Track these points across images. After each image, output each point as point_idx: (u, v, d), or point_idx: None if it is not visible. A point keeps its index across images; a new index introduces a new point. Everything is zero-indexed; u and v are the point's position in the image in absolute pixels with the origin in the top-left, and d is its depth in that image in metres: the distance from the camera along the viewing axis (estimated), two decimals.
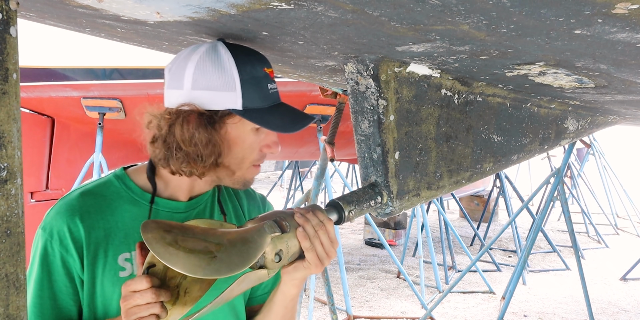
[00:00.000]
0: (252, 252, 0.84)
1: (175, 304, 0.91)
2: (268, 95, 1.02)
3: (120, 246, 1.01)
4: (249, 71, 0.99)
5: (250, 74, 0.99)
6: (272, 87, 1.03)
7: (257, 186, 13.85)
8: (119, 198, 1.04)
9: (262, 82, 1.01)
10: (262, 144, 1.05)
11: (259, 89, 1.00)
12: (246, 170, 1.06)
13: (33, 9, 1.04)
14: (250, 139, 1.03)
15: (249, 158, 1.04)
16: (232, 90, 0.98)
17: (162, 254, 0.79)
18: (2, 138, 0.53)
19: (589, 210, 8.58)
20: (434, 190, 1.29)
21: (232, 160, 1.03)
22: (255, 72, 1.00)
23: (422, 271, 5.18)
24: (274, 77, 1.05)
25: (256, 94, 1.00)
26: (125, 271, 1.01)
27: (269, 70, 1.04)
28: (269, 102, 1.02)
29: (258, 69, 1.01)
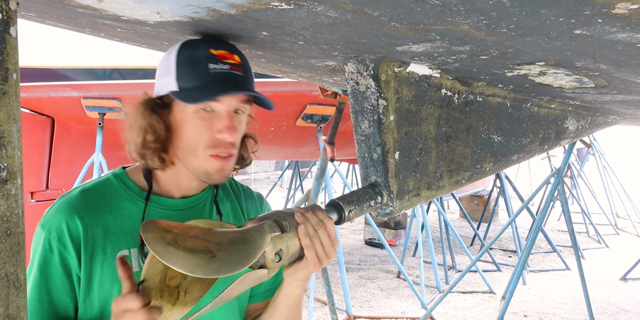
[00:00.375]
0: (252, 252, 0.84)
1: (176, 304, 0.91)
2: (207, 75, 0.98)
3: (118, 243, 1.02)
4: (187, 53, 0.99)
5: (188, 55, 0.99)
6: (216, 68, 0.98)
7: (258, 186, 13.86)
8: (118, 196, 1.05)
9: (201, 61, 0.98)
10: (214, 129, 1.01)
11: (194, 69, 0.98)
12: (203, 160, 1.02)
13: (33, 9, 1.04)
14: (195, 122, 1.00)
15: (200, 144, 1.00)
16: (170, 74, 1.00)
17: (162, 254, 0.79)
18: (2, 138, 0.53)
19: (589, 210, 8.58)
20: (434, 190, 1.29)
21: (184, 148, 1.02)
22: (195, 54, 0.99)
23: (422, 271, 5.18)
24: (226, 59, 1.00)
25: (190, 73, 0.98)
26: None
27: (217, 51, 0.99)
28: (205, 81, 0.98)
29: (201, 50, 0.99)
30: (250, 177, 15.34)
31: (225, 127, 1.00)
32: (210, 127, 1.00)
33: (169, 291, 0.93)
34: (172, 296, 0.92)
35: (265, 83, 4.31)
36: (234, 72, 1.00)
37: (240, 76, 1.01)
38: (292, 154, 6.25)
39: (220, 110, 1.01)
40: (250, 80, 1.05)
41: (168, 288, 0.93)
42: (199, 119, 1.00)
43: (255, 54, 1.26)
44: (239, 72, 1.01)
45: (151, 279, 0.92)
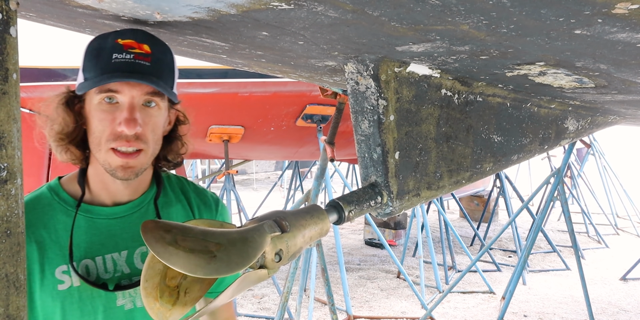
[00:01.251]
0: (252, 252, 0.84)
1: (175, 304, 0.91)
2: (109, 64, 0.95)
3: (55, 259, 1.00)
4: (95, 44, 0.98)
5: (96, 46, 0.97)
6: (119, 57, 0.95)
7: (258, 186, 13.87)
8: (52, 210, 1.03)
9: (104, 52, 0.95)
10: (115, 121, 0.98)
11: (98, 59, 0.96)
12: (105, 153, 0.99)
13: (33, 9, 1.04)
14: (98, 114, 0.98)
15: (102, 137, 0.98)
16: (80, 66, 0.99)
17: (162, 254, 0.79)
18: (2, 138, 0.53)
19: (589, 210, 8.58)
20: (434, 190, 1.29)
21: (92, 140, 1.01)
22: (103, 44, 0.96)
23: (422, 271, 5.18)
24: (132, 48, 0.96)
25: (93, 63, 0.96)
26: (63, 284, 1.00)
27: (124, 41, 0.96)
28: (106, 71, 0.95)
29: (109, 40, 0.96)
30: (250, 177, 15.34)
31: (124, 120, 0.97)
32: (113, 120, 0.98)
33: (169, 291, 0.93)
34: (172, 296, 0.92)
35: (265, 83, 4.32)
36: (138, 61, 0.96)
37: (146, 66, 0.97)
38: (292, 154, 6.25)
39: (122, 101, 0.98)
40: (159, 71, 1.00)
41: (168, 288, 0.93)
42: (101, 111, 0.98)
43: (255, 54, 1.26)
44: (145, 62, 0.97)
45: (151, 279, 0.92)
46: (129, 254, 1.08)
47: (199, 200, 1.21)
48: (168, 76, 1.02)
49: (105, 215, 1.06)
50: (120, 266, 1.06)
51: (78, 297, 1.01)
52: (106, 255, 1.05)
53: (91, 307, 1.02)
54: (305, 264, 3.82)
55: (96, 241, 1.04)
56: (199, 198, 1.22)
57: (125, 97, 0.98)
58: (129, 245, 1.08)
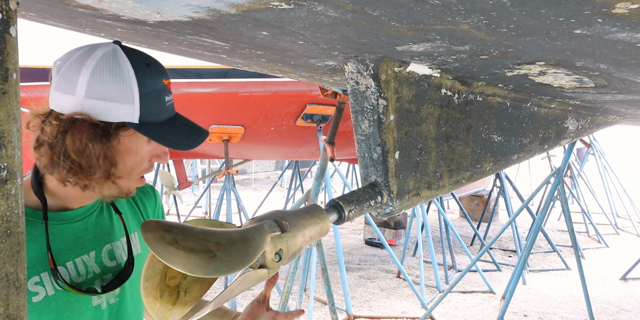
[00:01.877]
0: (252, 252, 0.84)
1: (176, 303, 0.92)
2: (165, 109, 1.01)
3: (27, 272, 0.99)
4: (149, 84, 0.97)
5: (151, 87, 0.97)
6: (169, 100, 1.02)
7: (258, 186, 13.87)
8: None
9: (161, 95, 1.00)
10: (152, 154, 1.04)
11: (157, 103, 0.99)
12: (134, 182, 1.04)
13: (33, 9, 1.04)
14: (142, 151, 1.02)
15: (137, 169, 1.03)
16: (130, 103, 0.95)
17: (162, 254, 0.79)
18: (2, 138, 0.53)
19: (589, 210, 8.59)
20: (434, 190, 1.29)
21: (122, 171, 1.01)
22: (156, 85, 0.99)
23: (422, 271, 5.19)
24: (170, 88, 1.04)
25: (154, 107, 0.98)
26: (38, 295, 0.98)
27: (167, 81, 1.02)
28: (165, 116, 1.01)
29: (158, 81, 1.00)
30: (250, 177, 15.34)
31: (164, 154, 1.05)
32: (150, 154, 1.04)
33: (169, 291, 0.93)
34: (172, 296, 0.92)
35: (265, 83, 4.32)
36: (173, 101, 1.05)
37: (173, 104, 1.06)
38: (292, 154, 6.26)
39: None
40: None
41: (168, 288, 0.93)
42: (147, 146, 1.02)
43: (255, 53, 1.26)
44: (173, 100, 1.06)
45: (151, 279, 0.92)
46: (96, 254, 1.09)
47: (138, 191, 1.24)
48: None
49: (68, 219, 1.05)
50: (91, 267, 1.07)
51: (54, 306, 1.00)
52: (76, 259, 1.05)
53: (69, 313, 1.02)
54: (305, 263, 3.82)
55: (64, 247, 1.03)
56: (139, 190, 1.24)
57: None
58: (95, 245, 1.09)
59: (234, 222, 1.22)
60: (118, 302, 1.11)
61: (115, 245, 1.13)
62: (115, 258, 1.12)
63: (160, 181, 5.36)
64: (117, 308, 1.10)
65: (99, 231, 1.10)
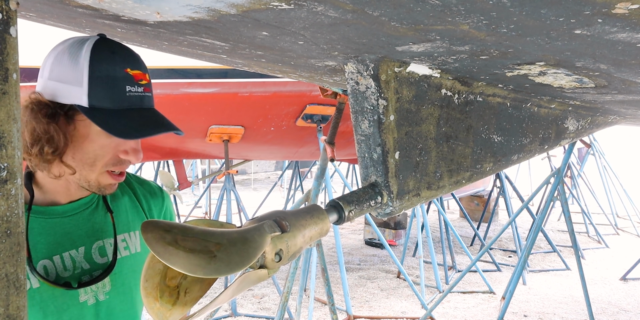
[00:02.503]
0: (252, 252, 0.84)
1: (176, 304, 0.92)
2: (123, 98, 0.98)
3: None
4: (103, 69, 0.97)
5: (104, 72, 0.97)
6: (132, 90, 0.99)
7: (258, 186, 13.86)
8: None
9: (117, 82, 0.97)
10: (119, 148, 1.02)
11: (109, 89, 0.97)
12: (99, 175, 1.02)
13: (33, 9, 1.04)
14: (101, 140, 1.00)
15: (101, 160, 1.01)
16: (79, 85, 0.96)
17: (162, 254, 0.79)
18: (2, 138, 0.53)
19: (589, 210, 8.58)
20: (434, 190, 1.29)
21: (83, 160, 1.00)
22: (112, 71, 0.97)
23: (422, 271, 5.18)
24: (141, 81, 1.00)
25: (105, 93, 0.96)
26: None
27: (134, 72, 0.99)
28: (122, 105, 0.98)
29: (118, 68, 0.98)
30: (250, 177, 15.34)
31: (132, 150, 1.02)
32: (116, 147, 1.01)
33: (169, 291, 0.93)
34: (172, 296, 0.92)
35: (265, 83, 4.32)
36: (146, 94, 1.01)
37: (150, 98, 1.02)
38: (292, 154, 6.26)
39: None
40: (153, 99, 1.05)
41: (168, 288, 0.93)
42: (106, 137, 0.99)
43: (255, 54, 1.26)
44: (149, 93, 1.02)
45: (151, 279, 0.92)
46: (86, 249, 1.09)
47: (143, 190, 1.24)
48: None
49: (59, 214, 1.06)
50: (80, 263, 1.07)
51: (39, 299, 1.01)
52: (64, 253, 1.05)
53: (54, 307, 1.02)
54: (305, 264, 3.82)
55: (52, 241, 1.04)
56: (143, 188, 1.25)
57: None
58: (85, 241, 1.09)
59: (234, 223, 1.22)
60: (107, 300, 1.10)
61: (108, 242, 1.12)
62: (107, 255, 1.11)
63: (160, 181, 5.36)
64: (106, 306, 1.10)
65: (90, 227, 1.10)
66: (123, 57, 1.00)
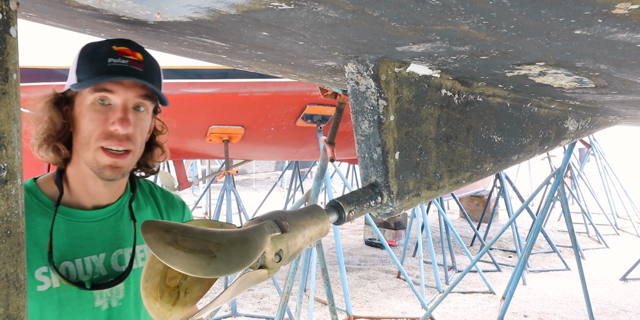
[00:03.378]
0: (252, 252, 0.84)
1: (175, 304, 0.92)
2: (104, 67, 1.00)
3: (35, 261, 1.00)
4: (90, 49, 1.02)
5: (90, 51, 1.02)
6: (115, 62, 1.01)
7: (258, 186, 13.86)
8: (31, 212, 1.02)
9: (100, 56, 1.01)
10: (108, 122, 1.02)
11: (92, 62, 1.01)
12: (94, 152, 1.03)
13: (33, 9, 1.04)
14: (90, 114, 1.01)
15: (92, 135, 1.02)
16: (73, 68, 1.02)
17: (162, 254, 0.79)
18: (2, 138, 0.53)
19: (589, 210, 8.58)
20: (434, 190, 1.29)
21: (81, 140, 1.03)
22: (98, 49, 1.02)
23: (422, 271, 5.18)
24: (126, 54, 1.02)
25: (88, 66, 1.01)
26: (43, 285, 1.01)
27: (119, 47, 1.02)
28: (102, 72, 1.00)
29: (103, 46, 1.02)
30: (250, 177, 15.34)
31: (118, 119, 1.01)
32: (105, 120, 1.02)
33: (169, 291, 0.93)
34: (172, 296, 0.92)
35: (265, 83, 4.31)
36: (133, 66, 1.02)
37: (139, 71, 1.03)
38: (292, 154, 6.26)
39: (116, 103, 1.03)
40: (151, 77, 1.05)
41: (168, 288, 0.93)
42: (94, 111, 1.01)
43: (255, 54, 1.26)
44: (139, 68, 1.03)
45: (151, 280, 0.92)
46: (106, 256, 1.10)
47: (166, 203, 1.26)
48: (158, 83, 1.09)
49: (85, 219, 1.08)
50: (98, 268, 1.09)
51: (57, 298, 1.02)
52: (85, 257, 1.07)
53: (70, 308, 1.04)
54: (305, 264, 3.82)
55: (76, 244, 1.06)
56: (165, 201, 1.27)
57: (119, 98, 1.03)
58: (107, 248, 1.11)
59: (235, 223, 1.22)
60: (120, 306, 1.12)
61: (127, 251, 1.14)
62: (125, 264, 1.13)
63: (160, 181, 5.36)
64: (118, 312, 1.11)
65: (113, 235, 1.11)
66: (113, 40, 1.04)
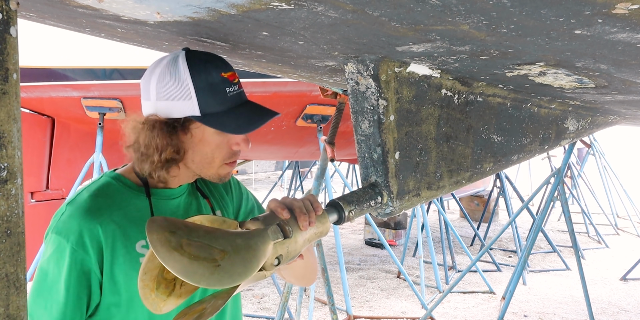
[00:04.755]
0: (255, 262, 0.85)
1: (170, 295, 0.94)
2: (227, 99, 1.08)
3: (134, 235, 1.09)
4: (203, 79, 1.06)
5: (206, 81, 1.06)
6: (232, 90, 1.09)
7: (258, 186, 13.86)
8: (121, 194, 1.13)
9: (219, 87, 1.07)
10: (231, 142, 1.12)
11: (215, 95, 1.07)
12: (219, 168, 1.14)
13: (33, 9, 1.04)
14: (215, 140, 1.11)
15: (218, 157, 1.12)
16: (189, 99, 1.06)
17: (167, 260, 0.80)
18: (2, 138, 0.53)
19: (589, 210, 8.58)
20: (434, 190, 1.29)
21: (203, 161, 1.12)
22: (211, 79, 1.07)
23: (422, 271, 5.18)
24: (234, 80, 1.10)
25: (212, 99, 1.07)
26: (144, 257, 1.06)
27: (227, 74, 1.09)
28: (228, 105, 1.08)
29: (214, 75, 1.07)
30: (251, 177, 15.34)
31: (242, 140, 1.13)
32: (228, 142, 1.12)
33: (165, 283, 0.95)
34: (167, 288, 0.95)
35: (265, 83, 4.31)
36: (241, 90, 1.12)
37: (244, 92, 1.13)
38: (292, 154, 6.26)
39: None
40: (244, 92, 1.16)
41: (165, 280, 0.95)
42: (219, 136, 1.10)
43: (255, 54, 1.26)
44: (242, 89, 1.13)
45: (149, 272, 0.94)
46: None
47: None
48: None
49: (166, 196, 1.17)
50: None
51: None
52: None
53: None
54: None
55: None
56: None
57: None
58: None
59: None
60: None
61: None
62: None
63: None
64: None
65: (188, 209, 1.21)
66: (215, 64, 1.09)
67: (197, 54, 1.10)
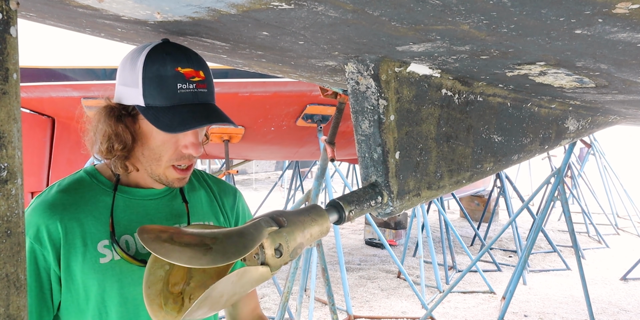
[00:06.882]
0: (248, 243, 0.83)
1: (181, 311, 0.90)
2: (174, 95, 1.02)
3: (97, 234, 1.06)
4: (155, 69, 1.02)
5: (156, 72, 1.02)
6: (184, 87, 1.03)
7: (258, 186, 13.87)
8: (92, 191, 1.10)
9: (168, 80, 1.02)
10: (179, 143, 1.08)
11: (161, 88, 1.02)
12: (165, 169, 1.09)
13: (33, 9, 1.04)
14: (161, 136, 1.06)
15: (165, 155, 1.08)
16: (136, 87, 1.03)
17: (158, 250, 0.79)
18: (2, 138, 0.53)
19: (589, 210, 8.58)
20: (435, 190, 1.29)
21: (149, 156, 1.08)
22: (163, 71, 1.02)
23: (423, 271, 5.18)
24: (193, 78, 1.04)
25: (157, 92, 1.02)
26: (105, 257, 1.06)
27: (185, 70, 1.03)
28: (174, 102, 1.02)
29: (168, 68, 1.02)
30: (251, 177, 15.34)
31: (191, 144, 1.07)
32: (176, 142, 1.07)
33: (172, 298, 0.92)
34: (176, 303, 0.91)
35: (265, 83, 4.32)
36: (199, 90, 1.05)
37: (205, 93, 1.06)
38: (293, 154, 6.25)
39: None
40: (213, 94, 1.09)
41: (172, 295, 0.92)
42: (165, 134, 1.05)
43: (255, 54, 1.26)
44: (204, 89, 1.05)
45: (153, 286, 0.92)
46: None
47: (218, 188, 1.31)
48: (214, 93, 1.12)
49: (141, 197, 1.14)
50: None
51: (119, 270, 1.06)
52: None
53: (130, 280, 1.07)
54: (305, 263, 3.82)
55: (134, 219, 1.11)
56: (218, 186, 1.32)
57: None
58: (164, 223, 1.15)
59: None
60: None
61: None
62: None
63: None
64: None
65: (169, 212, 1.17)
66: (175, 57, 1.03)
67: (167, 45, 1.06)
